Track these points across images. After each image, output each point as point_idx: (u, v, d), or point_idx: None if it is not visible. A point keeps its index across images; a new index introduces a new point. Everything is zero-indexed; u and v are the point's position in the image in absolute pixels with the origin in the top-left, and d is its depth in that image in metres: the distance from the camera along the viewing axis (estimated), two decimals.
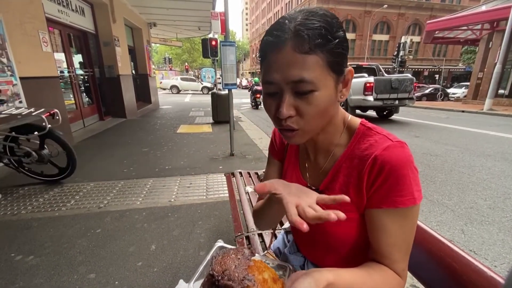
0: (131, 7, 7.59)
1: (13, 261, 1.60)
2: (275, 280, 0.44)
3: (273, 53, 0.45)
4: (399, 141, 0.49)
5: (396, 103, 7.01)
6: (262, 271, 0.44)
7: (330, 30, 0.44)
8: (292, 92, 0.46)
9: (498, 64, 9.09)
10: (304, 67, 0.43)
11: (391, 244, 0.49)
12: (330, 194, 0.55)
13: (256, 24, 63.58)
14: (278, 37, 0.44)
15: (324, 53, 0.43)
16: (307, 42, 0.42)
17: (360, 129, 0.55)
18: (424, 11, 30.88)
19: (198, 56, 37.20)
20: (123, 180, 2.87)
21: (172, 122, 6.74)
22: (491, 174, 3.21)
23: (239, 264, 0.43)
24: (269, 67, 0.46)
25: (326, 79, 0.45)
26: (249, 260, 0.45)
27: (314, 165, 0.62)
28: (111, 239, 1.83)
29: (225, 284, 0.39)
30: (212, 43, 5.51)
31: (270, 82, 0.47)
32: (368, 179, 0.50)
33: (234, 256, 0.45)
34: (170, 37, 13.07)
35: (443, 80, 23.13)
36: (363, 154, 0.51)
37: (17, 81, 3.22)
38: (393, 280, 0.49)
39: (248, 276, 0.41)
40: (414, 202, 0.47)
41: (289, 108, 0.46)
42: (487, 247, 1.86)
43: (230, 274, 0.40)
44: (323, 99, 0.46)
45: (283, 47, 0.43)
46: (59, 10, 4.71)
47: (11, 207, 2.25)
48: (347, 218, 0.52)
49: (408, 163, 0.47)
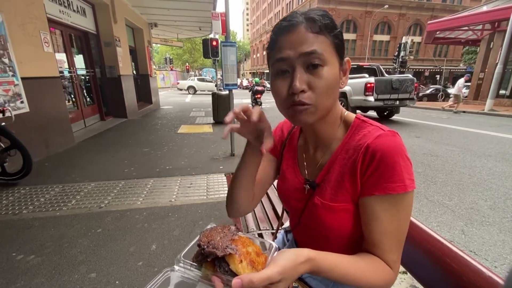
0: (132, 7, 7.61)
1: (14, 260, 1.60)
2: (259, 254, 0.46)
3: (287, 34, 0.49)
4: (391, 130, 0.51)
5: (397, 104, 7.00)
6: (246, 245, 0.46)
7: (332, 22, 0.51)
8: (304, 66, 0.49)
9: (499, 64, 9.08)
10: (315, 42, 0.48)
11: (382, 233, 0.49)
12: (326, 185, 0.56)
13: (257, 25, 63.60)
14: (291, 21, 0.49)
15: (331, 36, 0.49)
16: (318, 23, 0.48)
17: (356, 122, 0.57)
18: (425, 11, 30.84)
19: (199, 57, 37.23)
20: (124, 180, 2.88)
21: (173, 122, 6.75)
22: (492, 175, 3.21)
23: (224, 236, 0.45)
24: (282, 46, 0.50)
25: (332, 57, 0.50)
26: (234, 235, 0.47)
27: (312, 160, 0.64)
28: (112, 239, 1.83)
29: (209, 251, 0.42)
30: (213, 44, 5.51)
31: (283, 58, 0.49)
32: (361, 167, 0.51)
33: (220, 230, 0.48)
34: (171, 37, 13.10)
35: (444, 80, 23.07)
36: (357, 144, 0.53)
37: (18, 81, 3.23)
38: (382, 270, 0.49)
39: (231, 245, 0.43)
40: (405, 189, 0.47)
41: (302, 82, 0.48)
42: (488, 248, 1.86)
43: (215, 243, 0.43)
44: (331, 75, 0.49)
45: (297, 27, 0.48)
46: (61, 11, 4.73)
47: (12, 207, 2.26)
48: (341, 209, 0.54)
49: (399, 151, 0.48)
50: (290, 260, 0.40)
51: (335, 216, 0.55)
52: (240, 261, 0.42)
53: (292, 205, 0.66)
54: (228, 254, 0.42)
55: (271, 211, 1.37)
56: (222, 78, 3.54)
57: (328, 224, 0.56)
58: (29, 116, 3.38)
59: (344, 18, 28.78)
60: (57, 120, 4.01)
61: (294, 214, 0.66)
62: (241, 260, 0.42)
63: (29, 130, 3.40)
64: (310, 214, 0.60)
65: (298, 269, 0.41)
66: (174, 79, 30.56)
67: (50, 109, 3.85)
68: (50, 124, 3.81)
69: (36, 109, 3.49)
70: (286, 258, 0.40)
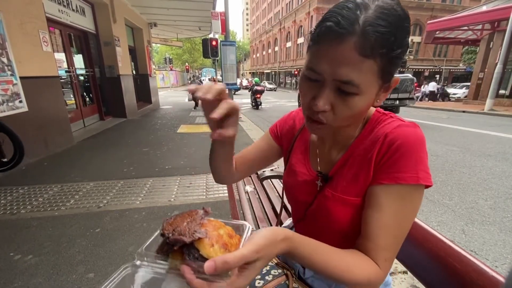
0: (132, 7, 7.59)
1: (12, 260, 1.59)
2: (231, 236, 0.42)
3: (331, 43, 0.41)
4: (412, 122, 0.49)
5: (397, 103, 7.00)
6: (217, 228, 0.42)
7: (398, 37, 0.41)
8: (334, 88, 0.44)
9: (499, 64, 9.09)
10: (357, 70, 0.41)
11: (381, 226, 0.46)
12: (339, 178, 0.54)
13: (256, 25, 63.60)
14: (343, 28, 0.39)
15: (383, 61, 0.41)
16: (371, 46, 0.39)
17: (375, 115, 0.55)
18: (425, 11, 30.83)
19: (199, 56, 37.21)
20: (122, 180, 2.87)
21: (173, 122, 6.74)
22: (492, 174, 3.20)
23: (191, 221, 0.41)
24: (321, 55, 0.43)
25: (372, 85, 0.44)
26: (202, 218, 0.42)
27: (327, 155, 0.61)
28: (111, 239, 1.82)
29: (175, 239, 0.37)
30: (212, 43, 5.51)
31: (316, 71, 0.44)
32: (377, 157, 0.48)
33: (187, 215, 0.43)
34: (170, 37, 13.09)
35: (443, 80, 23.09)
36: (375, 136, 0.50)
37: (17, 80, 3.22)
38: (367, 266, 0.46)
39: (200, 229, 0.39)
40: (417, 181, 0.44)
41: (326, 102, 0.44)
42: (488, 248, 1.85)
43: (181, 230, 0.38)
44: (362, 104, 0.45)
45: (344, 41, 0.40)
46: (60, 10, 4.72)
47: (10, 206, 2.25)
48: (352, 203, 0.51)
49: (418, 142, 0.45)
50: (267, 238, 0.37)
51: (345, 209, 0.52)
52: (212, 245, 0.38)
53: (300, 199, 0.63)
54: (197, 239, 0.38)
55: (270, 210, 1.36)
56: (222, 77, 3.53)
57: (336, 216, 0.54)
58: (28, 115, 3.37)
59: None
60: (56, 119, 3.99)
61: (300, 208, 0.63)
62: (212, 244, 0.38)
63: (28, 129, 3.39)
64: (319, 207, 0.57)
65: (276, 247, 0.38)
66: (173, 79, 30.56)
67: (49, 109, 3.83)
68: (49, 124, 3.80)
69: (35, 108, 3.48)
70: (262, 236, 0.37)
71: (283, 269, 0.66)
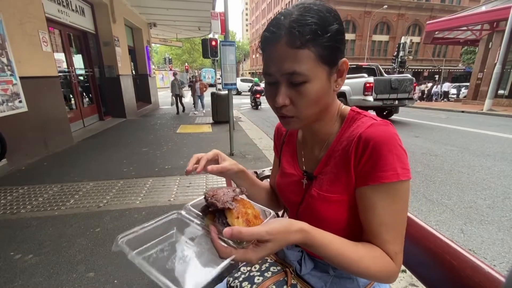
0: (131, 7, 7.60)
1: (12, 259, 1.60)
2: (256, 217, 0.49)
3: (270, 48, 0.49)
4: (384, 120, 0.52)
5: (396, 103, 7.01)
6: (246, 207, 0.49)
7: (322, 25, 0.46)
8: (287, 83, 0.50)
9: (498, 64, 9.10)
10: (296, 61, 0.47)
11: (380, 223, 0.49)
12: (323, 177, 0.57)
13: (256, 25, 63.60)
14: (273, 33, 0.48)
15: (316, 47, 0.47)
16: (298, 38, 0.45)
17: (350, 114, 0.58)
18: (424, 11, 30.88)
19: (198, 57, 37.21)
20: (122, 180, 2.87)
21: (172, 122, 6.74)
22: (490, 174, 3.21)
23: (228, 193, 0.49)
24: (267, 60, 0.51)
25: (318, 71, 0.48)
26: (237, 195, 0.51)
27: (310, 155, 0.65)
28: (111, 238, 1.82)
29: (211, 202, 0.47)
30: (212, 43, 5.51)
31: (269, 73, 0.51)
32: (355, 157, 0.51)
33: (225, 189, 0.52)
34: (170, 37, 13.09)
35: (443, 80, 23.14)
36: (350, 135, 0.54)
37: (16, 80, 3.22)
38: (381, 259, 0.48)
39: (231, 202, 0.47)
40: (398, 178, 0.47)
41: (284, 98, 0.50)
42: (487, 247, 1.86)
43: (218, 197, 0.47)
44: (315, 90, 0.49)
45: (278, 42, 0.47)
46: (59, 10, 4.72)
47: (10, 206, 2.25)
48: (336, 201, 0.54)
49: (391, 139, 0.48)
50: (282, 225, 0.42)
51: (331, 207, 0.55)
52: (237, 217, 0.45)
53: (291, 200, 0.67)
54: (226, 208, 0.46)
55: None
56: (222, 77, 3.54)
57: (324, 215, 0.56)
58: (28, 115, 3.37)
59: (343, 18, 28.50)
60: (56, 119, 4.00)
61: (293, 208, 0.67)
62: (237, 217, 0.45)
63: (28, 129, 3.40)
64: (307, 206, 0.60)
65: (290, 236, 0.42)
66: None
67: (49, 109, 3.84)
68: (48, 124, 3.80)
69: (34, 108, 3.48)
70: (278, 222, 0.43)
71: (282, 266, 0.67)
